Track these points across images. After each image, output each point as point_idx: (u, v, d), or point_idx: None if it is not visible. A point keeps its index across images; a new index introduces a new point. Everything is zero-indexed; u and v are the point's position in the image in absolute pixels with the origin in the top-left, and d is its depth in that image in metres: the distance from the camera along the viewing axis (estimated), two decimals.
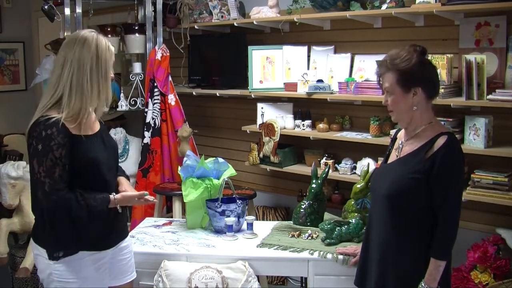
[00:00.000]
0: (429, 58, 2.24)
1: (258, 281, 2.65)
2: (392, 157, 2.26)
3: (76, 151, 2.15)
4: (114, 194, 2.25)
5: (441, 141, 2.05)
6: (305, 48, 3.85)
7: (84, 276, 2.21)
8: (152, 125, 4.09)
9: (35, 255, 2.25)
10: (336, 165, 3.58)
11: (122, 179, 2.47)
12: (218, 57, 4.33)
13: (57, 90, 2.16)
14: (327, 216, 3.06)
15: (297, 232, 2.83)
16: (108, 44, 2.23)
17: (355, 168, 3.53)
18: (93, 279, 2.24)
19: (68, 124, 2.14)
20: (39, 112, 2.16)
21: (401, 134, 2.27)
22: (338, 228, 2.68)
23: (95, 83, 2.17)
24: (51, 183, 2.08)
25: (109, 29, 4.21)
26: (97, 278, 2.26)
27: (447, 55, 3.04)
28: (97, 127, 2.32)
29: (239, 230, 2.92)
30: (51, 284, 2.20)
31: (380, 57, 3.20)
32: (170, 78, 4.14)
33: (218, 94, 4.20)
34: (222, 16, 4.12)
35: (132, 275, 2.49)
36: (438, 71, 2.98)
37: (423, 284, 2.05)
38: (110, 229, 2.29)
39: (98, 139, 2.28)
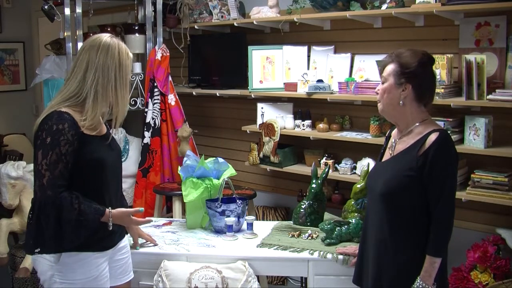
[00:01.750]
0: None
1: (258, 281, 2.65)
2: (386, 156, 2.28)
3: (84, 150, 2.15)
4: (111, 208, 2.22)
5: (432, 137, 2.06)
6: (305, 48, 3.85)
7: (87, 277, 2.21)
8: (152, 125, 4.09)
9: (34, 258, 2.24)
10: (336, 165, 3.57)
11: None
12: (218, 57, 4.33)
13: (79, 93, 2.18)
14: (327, 216, 3.06)
15: (297, 232, 2.83)
16: (127, 51, 2.28)
17: (355, 168, 3.53)
18: (95, 279, 2.23)
19: (81, 123, 2.15)
20: (52, 108, 2.16)
21: (395, 132, 2.28)
22: (338, 228, 2.68)
23: (119, 90, 2.22)
24: (50, 177, 2.08)
25: (109, 29, 4.21)
26: (99, 279, 2.25)
27: (447, 55, 3.04)
28: (104, 130, 2.34)
29: (239, 230, 2.92)
30: (54, 285, 2.20)
31: (380, 57, 3.22)
32: (170, 78, 4.14)
33: (218, 94, 4.20)
34: (222, 16, 4.12)
35: (130, 275, 2.50)
36: (438, 71, 3.00)
37: (418, 281, 2.05)
38: (111, 230, 2.27)
39: (105, 142, 2.29)
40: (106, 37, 2.25)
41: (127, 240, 2.51)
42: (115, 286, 2.42)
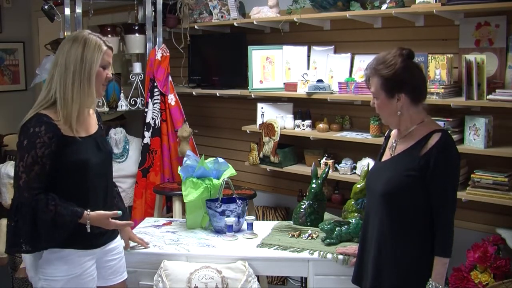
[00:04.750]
0: (418, 60, 2.25)
1: (258, 281, 2.65)
2: (386, 156, 2.27)
3: (66, 152, 2.12)
4: (89, 211, 2.17)
5: (435, 138, 2.06)
6: (305, 48, 3.85)
7: (69, 274, 2.17)
8: (152, 125, 4.09)
9: (23, 256, 2.23)
10: (336, 165, 3.58)
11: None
12: (218, 57, 4.33)
13: (50, 91, 2.16)
14: (327, 216, 3.06)
15: (297, 232, 2.83)
16: (98, 43, 2.17)
17: (355, 168, 3.53)
18: (78, 277, 2.20)
19: (61, 125, 2.12)
20: (33, 110, 2.15)
21: (394, 132, 2.28)
22: (338, 228, 2.67)
23: (77, 85, 2.13)
24: (26, 179, 2.07)
25: (109, 29, 4.21)
26: (82, 277, 2.21)
27: (447, 55, 3.04)
28: (93, 129, 2.29)
29: (239, 230, 2.92)
30: (38, 283, 2.19)
31: None
32: (170, 78, 4.14)
33: (218, 94, 4.20)
34: (222, 16, 4.12)
35: (123, 276, 2.45)
36: (438, 71, 3.00)
37: (431, 282, 2.05)
38: (97, 229, 2.23)
39: (92, 142, 2.24)
40: (79, 31, 2.21)
41: (119, 241, 2.47)
42: (106, 286, 2.38)
